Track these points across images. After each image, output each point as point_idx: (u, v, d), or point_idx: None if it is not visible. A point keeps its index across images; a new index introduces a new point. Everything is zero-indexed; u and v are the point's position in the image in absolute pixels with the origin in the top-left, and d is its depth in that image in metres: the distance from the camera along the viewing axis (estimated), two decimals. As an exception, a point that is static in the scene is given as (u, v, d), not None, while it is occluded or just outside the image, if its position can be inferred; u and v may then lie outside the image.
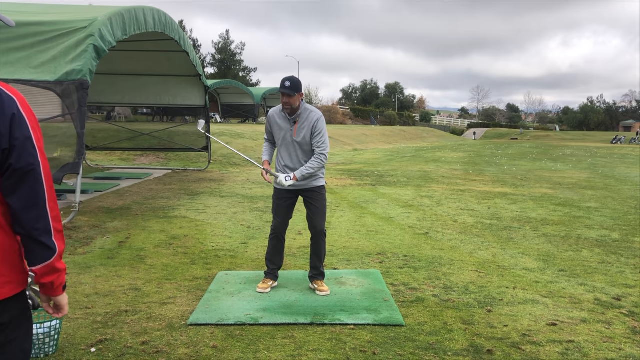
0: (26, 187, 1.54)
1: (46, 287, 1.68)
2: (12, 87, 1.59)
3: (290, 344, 3.36)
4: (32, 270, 1.63)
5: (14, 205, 1.54)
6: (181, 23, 55.83)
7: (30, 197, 1.55)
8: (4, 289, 1.57)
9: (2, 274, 1.56)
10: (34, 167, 1.55)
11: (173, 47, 10.99)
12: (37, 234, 1.58)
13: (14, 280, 1.60)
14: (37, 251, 1.60)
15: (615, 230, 7.16)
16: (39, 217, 1.57)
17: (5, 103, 1.52)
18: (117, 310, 3.86)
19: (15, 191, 1.54)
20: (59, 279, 1.68)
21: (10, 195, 1.54)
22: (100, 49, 6.86)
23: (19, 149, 1.52)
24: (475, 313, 3.95)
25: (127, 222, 7.06)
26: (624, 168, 18.19)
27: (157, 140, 14.67)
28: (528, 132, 59.05)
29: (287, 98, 4.15)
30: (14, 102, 1.54)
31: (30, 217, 1.56)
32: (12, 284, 1.60)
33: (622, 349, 3.37)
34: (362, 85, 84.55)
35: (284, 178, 4.21)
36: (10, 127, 1.51)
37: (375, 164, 18.16)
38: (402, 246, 6.03)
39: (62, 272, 1.69)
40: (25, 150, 1.53)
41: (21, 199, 1.54)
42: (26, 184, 1.54)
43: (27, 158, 1.54)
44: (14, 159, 1.52)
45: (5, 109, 1.51)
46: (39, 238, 1.58)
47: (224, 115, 40.04)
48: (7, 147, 1.51)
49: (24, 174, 1.53)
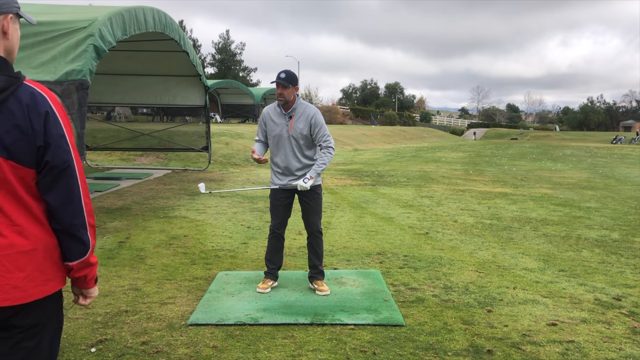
0: (63, 184, 1.58)
1: (80, 280, 1.73)
2: (44, 86, 1.62)
3: (290, 344, 3.35)
4: (67, 265, 1.66)
5: (51, 202, 1.58)
6: (181, 23, 55.84)
7: (67, 194, 1.59)
8: (47, 286, 1.60)
9: (45, 271, 1.59)
10: (69, 164, 1.58)
11: (173, 47, 10.98)
12: (75, 230, 1.61)
13: (56, 277, 1.64)
14: (74, 246, 1.64)
15: (615, 230, 7.16)
16: (76, 212, 1.61)
17: (38, 102, 1.55)
18: (117, 310, 3.86)
19: (52, 188, 1.57)
20: (91, 273, 1.73)
21: (48, 192, 1.57)
22: (100, 49, 6.86)
23: (54, 147, 1.56)
24: (475, 313, 3.95)
25: (127, 222, 7.06)
26: (624, 168, 18.19)
27: (157, 140, 14.67)
28: (528, 132, 59.05)
29: (281, 89, 4.13)
30: (46, 101, 1.56)
31: (67, 213, 1.59)
32: (54, 281, 1.63)
33: (622, 349, 3.37)
34: (362, 85, 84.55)
35: (302, 182, 4.18)
36: (45, 125, 1.54)
37: (375, 164, 18.16)
38: (402, 246, 6.03)
39: (95, 266, 1.74)
40: (60, 147, 1.57)
41: (58, 196, 1.58)
42: (63, 181, 1.58)
43: (62, 155, 1.57)
44: (50, 156, 1.55)
45: (39, 107, 1.54)
46: (76, 233, 1.62)
47: (224, 115, 40.05)
48: (42, 144, 1.54)
49: (60, 171, 1.57)
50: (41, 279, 1.58)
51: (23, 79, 1.55)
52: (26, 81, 1.57)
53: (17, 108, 1.51)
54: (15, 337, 1.57)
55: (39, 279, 1.58)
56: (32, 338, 1.60)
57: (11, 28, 1.58)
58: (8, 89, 1.50)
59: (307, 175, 4.20)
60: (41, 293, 1.58)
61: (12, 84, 1.51)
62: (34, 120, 1.52)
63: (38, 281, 1.57)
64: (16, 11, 1.60)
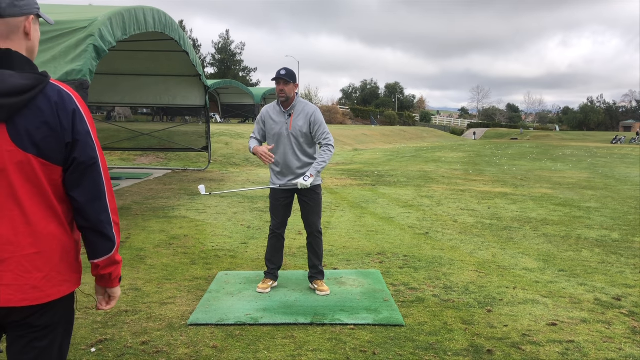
0: (90, 180, 1.60)
1: (105, 278, 1.74)
2: (68, 85, 1.64)
3: (290, 344, 3.36)
4: (93, 263, 1.68)
5: (79, 198, 1.59)
6: (181, 23, 55.84)
7: (93, 190, 1.60)
8: (63, 287, 1.62)
9: (61, 272, 1.61)
10: (95, 161, 1.60)
11: (173, 47, 10.98)
12: (102, 226, 1.63)
13: (71, 279, 1.65)
14: (100, 243, 1.65)
15: (615, 230, 7.16)
16: (102, 209, 1.63)
17: (66, 100, 1.57)
18: (117, 310, 3.86)
19: (79, 185, 1.59)
20: (116, 271, 1.74)
21: (75, 189, 1.59)
22: (100, 49, 6.86)
23: (82, 143, 1.57)
24: (475, 313, 3.95)
25: (127, 222, 7.06)
26: (624, 168, 18.19)
27: (157, 140, 14.68)
28: (528, 132, 59.05)
29: (282, 85, 4.14)
30: (72, 99, 1.59)
31: (94, 209, 1.61)
32: (69, 283, 1.64)
33: (622, 349, 3.37)
34: (362, 85, 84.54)
35: (302, 180, 4.17)
36: (73, 122, 1.56)
37: (375, 164, 18.16)
38: (402, 246, 6.03)
39: (120, 264, 1.75)
40: (87, 144, 1.58)
41: (85, 192, 1.59)
42: (89, 177, 1.60)
43: (89, 152, 1.59)
44: (77, 153, 1.57)
45: (67, 105, 1.56)
46: (103, 230, 1.63)
47: (224, 115, 40.05)
48: (70, 141, 1.56)
49: (87, 168, 1.59)
50: (58, 280, 1.60)
51: (49, 78, 1.57)
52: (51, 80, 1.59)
53: (46, 106, 1.53)
54: (28, 336, 1.58)
55: (56, 279, 1.59)
56: (45, 338, 1.61)
57: (32, 29, 1.60)
58: (37, 86, 1.52)
59: (308, 173, 4.19)
60: (59, 293, 1.60)
61: (40, 82, 1.53)
62: (62, 117, 1.54)
63: (55, 281, 1.59)
64: (37, 12, 1.62)
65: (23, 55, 1.55)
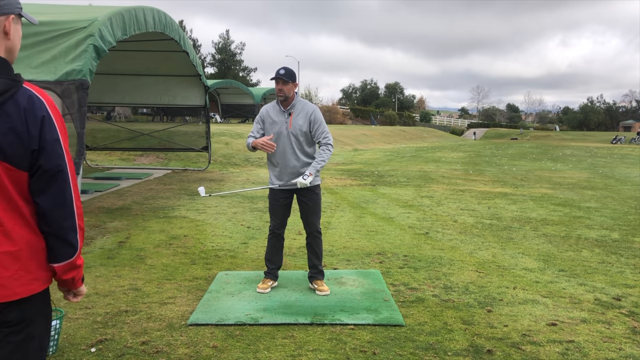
0: (55, 188, 1.60)
1: (67, 282, 1.75)
2: (41, 89, 1.64)
3: (290, 344, 3.36)
4: (53, 267, 1.68)
5: (43, 204, 1.60)
6: (181, 23, 55.82)
7: (58, 198, 1.61)
8: (32, 286, 1.62)
9: (30, 270, 1.62)
10: (62, 168, 1.60)
11: (173, 47, 10.98)
12: (64, 233, 1.63)
13: (41, 277, 1.66)
14: (61, 249, 1.65)
15: (615, 230, 7.16)
16: (67, 215, 1.63)
17: (36, 106, 1.56)
18: (117, 310, 3.86)
19: (44, 191, 1.59)
20: (78, 274, 1.75)
21: (40, 195, 1.59)
22: (100, 49, 6.86)
23: (49, 151, 1.57)
24: (475, 313, 3.95)
25: (127, 222, 7.06)
26: (624, 168, 18.19)
27: (157, 140, 14.67)
28: (528, 132, 59.03)
29: (281, 84, 4.14)
30: (43, 105, 1.58)
31: (58, 216, 1.61)
32: (40, 281, 1.65)
33: (622, 349, 3.37)
34: (362, 85, 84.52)
35: (301, 179, 4.16)
36: (41, 129, 1.56)
37: (375, 164, 18.16)
38: (402, 246, 6.03)
39: (81, 267, 1.76)
40: (54, 151, 1.58)
41: (50, 199, 1.60)
42: (55, 185, 1.60)
43: (56, 159, 1.59)
44: (43, 160, 1.57)
45: (36, 111, 1.56)
46: (65, 236, 1.64)
47: (224, 115, 40.05)
48: (37, 148, 1.56)
49: (52, 175, 1.59)
50: (27, 278, 1.61)
51: (22, 82, 1.57)
52: (25, 84, 1.59)
53: (14, 111, 1.53)
54: (2, 331, 1.60)
55: (25, 278, 1.60)
56: (20, 333, 1.63)
57: (13, 29, 1.59)
58: (7, 92, 1.52)
59: (307, 172, 4.20)
60: (27, 292, 1.61)
61: (11, 87, 1.53)
62: (30, 124, 1.54)
63: (24, 280, 1.60)
64: (18, 12, 1.61)
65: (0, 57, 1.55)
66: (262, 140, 4.15)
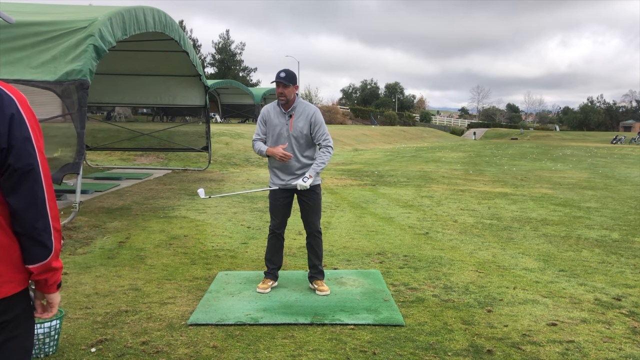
0: (26, 187, 1.56)
1: (40, 283, 1.71)
2: (13, 87, 1.61)
3: (290, 344, 3.36)
4: (28, 268, 1.65)
5: (14, 204, 1.56)
6: (181, 23, 55.82)
7: (29, 197, 1.57)
8: (4, 288, 1.59)
9: (2, 273, 1.59)
10: (32, 167, 1.57)
11: (173, 47, 10.99)
12: (36, 233, 1.60)
13: (15, 279, 1.62)
14: (34, 250, 1.62)
15: (615, 230, 7.16)
16: (39, 216, 1.59)
17: (4, 103, 1.53)
18: (117, 310, 3.86)
19: (15, 191, 1.56)
20: (53, 277, 1.70)
21: (11, 194, 1.56)
22: (100, 49, 6.86)
23: (18, 149, 1.54)
24: (475, 313, 3.95)
25: (127, 222, 7.06)
26: (624, 168, 18.19)
27: (157, 140, 14.68)
28: (528, 132, 59.04)
29: (282, 88, 4.14)
30: (13, 102, 1.55)
31: (29, 216, 1.58)
32: (13, 283, 1.62)
33: (622, 349, 3.37)
34: (362, 85, 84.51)
35: (301, 181, 4.18)
36: (10, 127, 1.53)
37: (375, 164, 18.16)
38: (402, 246, 6.03)
39: (58, 271, 1.71)
40: (24, 150, 1.55)
41: (21, 199, 1.56)
42: (26, 184, 1.56)
43: (26, 158, 1.55)
44: (12, 159, 1.53)
45: (5, 109, 1.53)
46: (37, 237, 1.60)
47: (224, 115, 40.06)
48: (6, 146, 1.53)
49: (23, 174, 1.55)
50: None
51: None
52: None
53: None
54: None
55: None
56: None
57: None
58: None
59: (307, 174, 4.20)
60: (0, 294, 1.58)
61: None
62: None
63: None
64: None
65: None
66: (279, 152, 4.18)
